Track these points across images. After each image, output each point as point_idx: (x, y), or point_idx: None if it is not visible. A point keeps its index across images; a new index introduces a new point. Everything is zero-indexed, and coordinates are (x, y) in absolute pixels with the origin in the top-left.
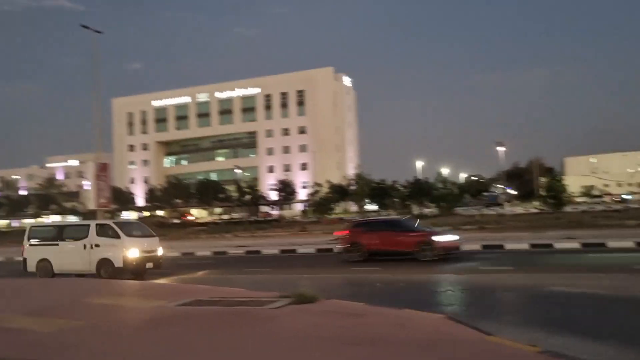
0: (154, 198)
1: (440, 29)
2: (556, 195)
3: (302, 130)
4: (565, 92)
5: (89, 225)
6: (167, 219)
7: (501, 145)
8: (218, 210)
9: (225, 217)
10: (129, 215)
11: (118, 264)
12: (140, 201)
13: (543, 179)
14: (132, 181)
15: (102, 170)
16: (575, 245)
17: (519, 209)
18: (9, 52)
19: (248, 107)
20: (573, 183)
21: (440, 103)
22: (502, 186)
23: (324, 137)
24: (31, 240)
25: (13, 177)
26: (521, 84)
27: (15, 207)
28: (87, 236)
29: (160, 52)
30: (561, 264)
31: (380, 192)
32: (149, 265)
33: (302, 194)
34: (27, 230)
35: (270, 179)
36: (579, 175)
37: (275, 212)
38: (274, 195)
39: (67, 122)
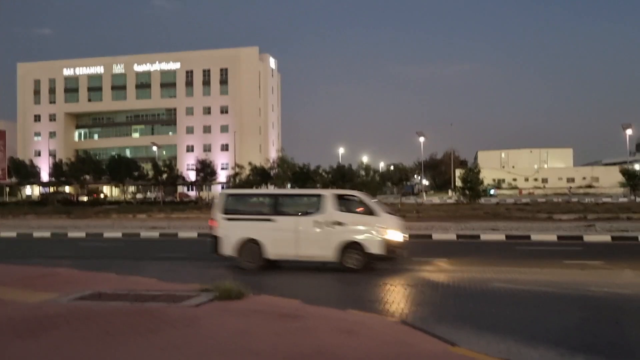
0: (61, 173)
1: (370, 17)
2: (472, 186)
3: (224, 110)
4: (483, 88)
5: (321, 195)
6: (72, 196)
7: (422, 135)
8: (132, 189)
9: (140, 196)
10: (30, 190)
11: (375, 249)
12: (45, 176)
13: (460, 171)
14: (38, 154)
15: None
16: (500, 237)
17: (436, 199)
18: None
19: (168, 83)
20: (487, 176)
21: (364, 91)
22: (418, 176)
23: (247, 118)
24: (227, 212)
25: None
26: (443, 77)
27: None
28: (319, 210)
29: (72, 18)
30: (495, 257)
31: (302, 177)
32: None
33: (222, 175)
34: (221, 198)
35: (189, 159)
36: (491, 168)
37: (192, 194)
38: (192, 176)
39: None
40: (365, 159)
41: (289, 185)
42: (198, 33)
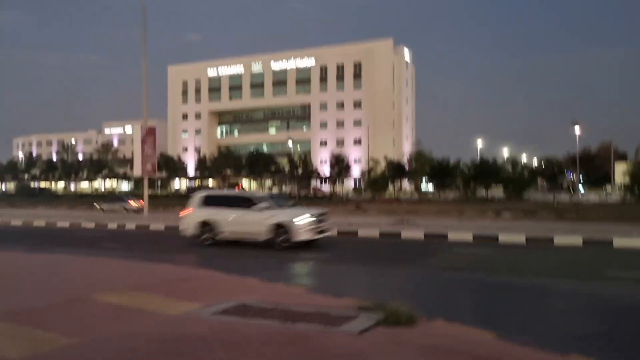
0: (205, 167)
1: (511, 4)
2: None
3: (357, 104)
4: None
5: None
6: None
7: (576, 124)
8: (267, 183)
9: (275, 190)
10: (178, 183)
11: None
12: (191, 170)
13: (625, 165)
14: (185, 150)
15: (149, 134)
16: None
17: (593, 197)
18: (75, 24)
19: (302, 79)
20: None
21: (505, 82)
22: (571, 171)
23: (380, 112)
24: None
25: (71, 141)
26: (593, 64)
27: (70, 170)
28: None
29: (217, 24)
30: None
31: (441, 172)
32: None
33: (355, 170)
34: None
35: (323, 153)
36: None
37: (326, 188)
38: (326, 170)
39: (125, 90)
40: (506, 152)
41: (427, 181)
42: (332, 29)
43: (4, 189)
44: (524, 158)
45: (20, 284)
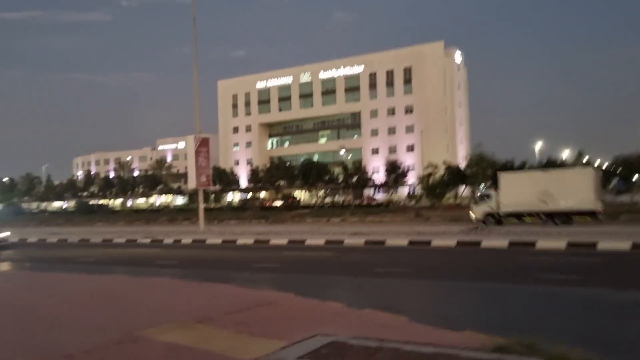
0: (257, 179)
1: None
2: None
3: (409, 110)
4: None
5: None
6: (267, 201)
7: None
8: (320, 192)
9: (328, 200)
10: (231, 196)
11: None
12: (243, 183)
13: None
14: (236, 163)
15: (203, 145)
16: None
17: None
18: (125, 45)
19: (352, 87)
20: None
21: (560, 80)
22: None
23: (433, 117)
24: None
25: (127, 158)
26: None
27: (126, 187)
28: None
29: (263, 39)
30: None
31: None
32: None
33: (410, 176)
34: None
35: (375, 161)
36: None
37: (379, 196)
38: (380, 178)
39: (178, 106)
40: (568, 153)
41: (481, 186)
42: (380, 36)
43: (64, 206)
44: (590, 158)
45: (60, 317)
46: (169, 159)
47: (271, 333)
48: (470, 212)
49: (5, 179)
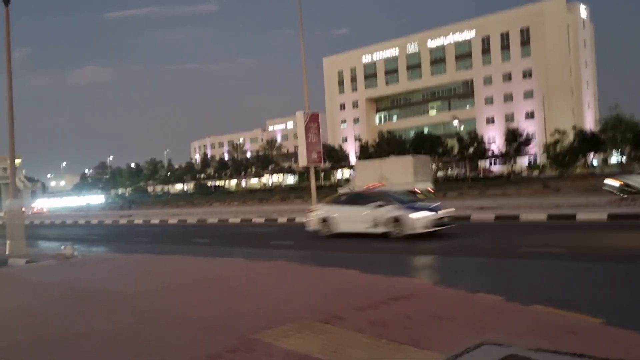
0: (367, 155)
1: None
2: None
3: (527, 74)
4: None
5: None
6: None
7: None
8: (432, 166)
9: (440, 174)
10: (340, 174)
11: None
12: (352, 159)
13: None
14: (344, 140)
15: (313, 121)
16: None
17: None
18: (231, 32)
19: (462, 54)
20: None
21: None
22: None
23: (555, 80)
24: None
25: (240, 140)
26: None
27: (239, 168)
28: None
29: (364, 15)
30: None
31: None
32: None
33: (532, 145)
34: None
35: (490, 131)
36: None
37: (496, 168)
38: (497, 148)
39: (284, 88)
40: None
41: (621, 153)
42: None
43: (184, 188)
44: None
45: (160, 310)
46: (278, 139)
47: (420, 339)
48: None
49: (132, 165)
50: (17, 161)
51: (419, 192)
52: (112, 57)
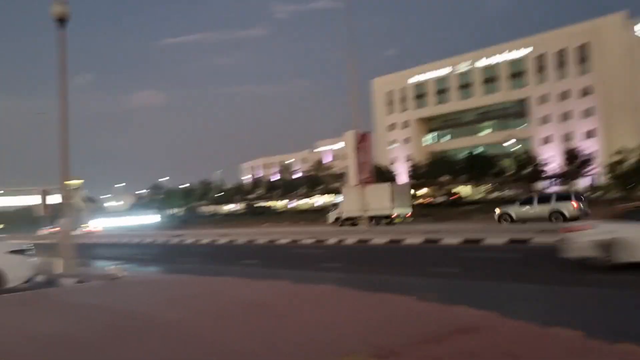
0: (419, 175)
1: None
2: None
3: (586, 92)
4: None
5: None
6: (427, 198)
7: None
8: (482, 188)
9: (493, 194)
10: None
11: None
12: (401, 179)
13: None
14: (393, 161)
15: (363, 141)
16: None
17: None
18: (281, 56)
19: (516, 72)
20: None
21: None
22: None
23: (616, 98)
24: None
25: (288, 161)
26: None
27: (289, 188)
28: None
29: (413, 36)
30: None
31: None
32: None
33: (593, 165)
34: None
35: (547, 151)
36: None
37: (553, 190)
38: (554, 168)
39: (333, 109)
40: None
41: None
42: (539, 18)
43: (235, 209)
44: None
45: (201, 337)
46: (327, 159)
47: None
48: None
49: (184, 186)
50: (78, 182)
51: (394, 216)
52: (167, 82)
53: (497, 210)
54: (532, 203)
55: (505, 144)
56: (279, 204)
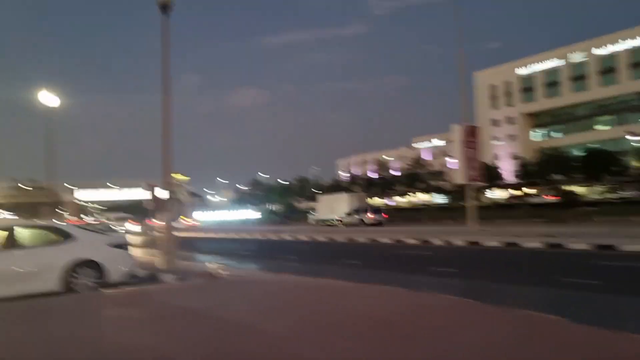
0: (528, 174)
1: None
2: None
3: None
4: None
5: None
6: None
7: None
8: (598, 188)
9: (610, 195)
10: (493, 193)
11: None
12: (507, 177)
13: None
14: (496, 158)
15: (471, 135)
16: None
17: None
18: (379, 52)
19: (637, 62)
20: None
21: None
22: None
23: None
24: None
25: (385, 158)
26: None
27: (387, 186)
28: None
29: (517, 28)
30: None
31: None
32: None
33: None
34: None
35: None
36: None
37: None
38: None
39: (432, 105)
40: None
41: None
42: None
43: None
44: None
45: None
46: (425, 157)
47: None
48: None
49: (281, 181)
50: (184, 178)
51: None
52: (269, 80)
53: None
54: None
55: (631, 138)
56: (376, 201)
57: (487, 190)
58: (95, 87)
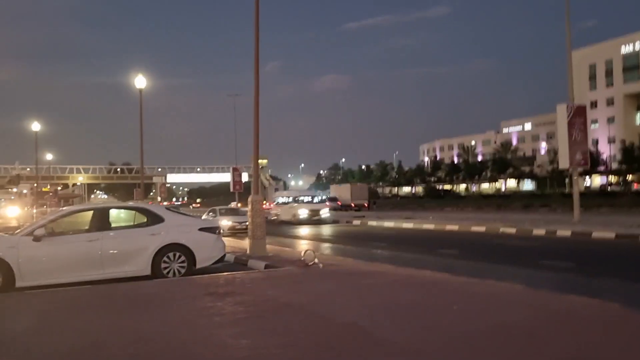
0: (633, 158)
1: None
2: None
3: None
4: None
5: None
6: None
7: None
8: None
9: None
10: (589, 181)
11: None
12: (608, 163)
13: None
14: (596, 142)
15: (578, 115)
16: None
17: None
18: (464, 34)
19: None
20: None
21: None
22: None
23: None
24: None
25: (471, 143)
26: None
27: (472, 172)
28: None
29: (616, 6)
30: None
31: None
32: None
33: None
34: None
35: None
36: None
37: None
38: None
39: (521, 88)
40: None
41: None
42: None
43: (413, 191)
44: None
45: None
46: (514, 142)
47: None
48: None
49: (362, 167)
50: (264, 162)
51: (354, 205)
52: (349, 65)
53: None
54: None
55: None
56: (461, 187)
57: (586, 176)
58: (183, 73)
